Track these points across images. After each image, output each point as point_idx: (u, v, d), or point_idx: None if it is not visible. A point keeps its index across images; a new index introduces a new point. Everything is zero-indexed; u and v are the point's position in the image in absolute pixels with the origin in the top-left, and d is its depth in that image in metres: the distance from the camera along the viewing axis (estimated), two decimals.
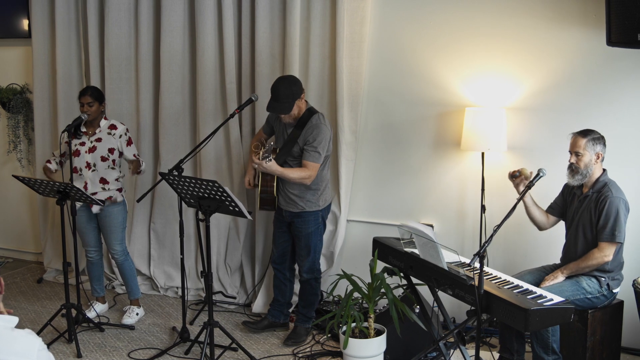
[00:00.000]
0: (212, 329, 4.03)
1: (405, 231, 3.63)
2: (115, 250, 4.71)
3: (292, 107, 4.14)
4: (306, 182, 4.21)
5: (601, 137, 3.70)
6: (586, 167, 3.68)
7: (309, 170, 4.17)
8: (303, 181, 4.19)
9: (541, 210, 3.95)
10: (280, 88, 4.11)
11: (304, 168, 4.18)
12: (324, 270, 4.81)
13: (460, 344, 3.56)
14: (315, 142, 4.15)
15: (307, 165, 4.17)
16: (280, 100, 4.10)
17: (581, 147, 3.67)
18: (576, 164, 3.70)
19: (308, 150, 4.17)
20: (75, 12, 5.41)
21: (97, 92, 4.57)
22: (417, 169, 4.71)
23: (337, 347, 4.35)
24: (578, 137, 3.71)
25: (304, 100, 4.25)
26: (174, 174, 4.04)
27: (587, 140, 3.67)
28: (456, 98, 4.52)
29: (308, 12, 4.71)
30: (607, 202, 3.61)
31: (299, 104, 4.19)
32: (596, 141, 3.67)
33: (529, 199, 3.88)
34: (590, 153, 3.67)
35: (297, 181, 4.19)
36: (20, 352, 2.12)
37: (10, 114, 5.86)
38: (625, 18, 3.57)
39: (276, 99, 4.12)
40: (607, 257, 3.63)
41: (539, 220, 3.95)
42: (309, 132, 4.18)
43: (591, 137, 3.67)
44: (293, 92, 4.13)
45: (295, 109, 4.18)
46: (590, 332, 3.68)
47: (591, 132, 3.70)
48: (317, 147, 4.16)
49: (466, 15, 4.43)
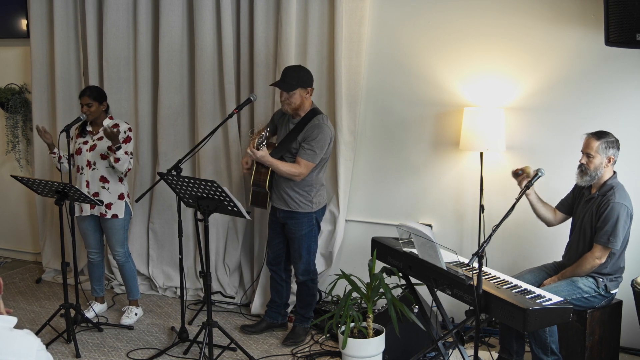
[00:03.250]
0: (211, 329, 4.03)
1: (404, 231, 3.63)
2: (117, 252, 4.71)
3: (293, 88, 4.14)
4: (295, 179, 4.20)
5: (616, 140, 3.66)
6: (596, 170, 3.65)
7: (300, 168, 4.16)
8: (292, 177, 4.18)
9: (547, 207, 3.94)
10: (290, 70, 4.20)
11: (296, 164, 4.18)
12: (322, 271, 4.82)
13: (459, 343, 3.56)
14: (313, 142, 4.15)
15: (299, 162, 4.16)
16: (286, 80, 4.15)
17: (593, 149, 3.64)
18: (586, 165, 3.67)
19: (304, 148, 4.16)
20: (74, 12, 5.40)
21: (96, 93, 4.57)
22: (415, 169, 4.71)
23: (336, 347, 4.35)
24: (592, 139, 3.66)
25: (310, 97, 4.26)
26: (172, 174, 4.04)
27: (600, 143, 3.63)
28: (455, 98, 4.52)
29: (306, 12, 4.71)
30: (608, 207, 3.59)
31: (302, 95, 4.19)
32: (610, 145, 3.63)
33: (533, 196, 3.87)
34: (601, 156, 3.63)
35: (286, 175, 4.18)
36: (19, 353, 2.11)
37: (8, 114, 5.86)
38: (624, 18, 3.57)
39: (282, 79, 4.17)
40: (599, 259, 3.62)
41: (546, 216, 3.94)
42: (309, 131, 4.18)
43: (605, 140, 3.63)
44: (300, 77, 4.16)
45: (297, 98, 4.17)
46: (589, 331, 3.68)
47: (606, 135, 3.66)
48: (314, 147, 4.15)
49: (465, 15, 4.43)
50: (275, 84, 4.23)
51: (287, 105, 4.21)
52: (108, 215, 4.57)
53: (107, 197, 4.55)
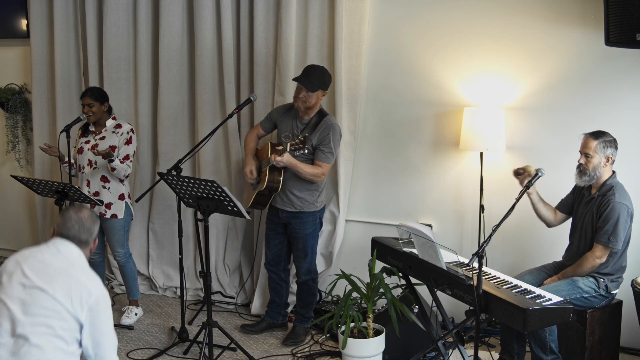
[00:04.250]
0: (211, 329, 4.02)
1: (404, 231, 3.63)
2: (118, 253, 4.71)
3: (316, 89, 4.15)
4: (317, 181, 4.24)
5: (613, 140, 3.67)
6: (594, 169, 3.66)
7: (322, 169, 4.21)
8: (314, 178, 4.21)
9: (548, 207, 3.94)
10: (314, 71, 4.19)
11: (317, 166, 4.20)
12: (322, 271, 4.81)
13: (459, 343, 3.56)
14: (331, 143, 4.19)
15: (321, 166, 4.21)
16: (311, 79, 4.15)
17: (591, 149, 3.64)
18: (585, 165, 3.68)
19: (324, 152, 4.19)
20: (74, 12, 5.40)
21: (97, 93, 4.57)
22: (415, 169, 4.71)
23: (336, 347, 4.35)
24: (589, 139, 3.67)
25: (322, 99, 4.27)
26: (172, 173, 4.04)
27: (598, 143, 3.64)
28: (455, 98, 4.52)
29: (306, 12, 4.71)
30: (609, 206, 3.59)
31: (320, 96, 4.21)
32: (607, 144, 3.64)
33: (535, 195, 3.87)
34: (600, 155, 3.64)
35: (309, 177, 4.20)
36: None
37: (8, 114, 5.85)
38: (624, 18, 3.57)
39: (306, 76, 4.16)
40: (599, 259, 3.62)
41: (546, 217, 3.94)
42: (325, 132, 4.19)
43: (603, 140, 3.64)
44: (324, 80, 4.19)
45: (314, 98, 4.18)
46: (589, 331, 3.68)
47: (603, 135, 3.67)
48: (332, 148, 4.21)
49: (465, 16, 4.43)
50: (298, 80, 4.19)
51: (302, 103, 4.20)
52: (107, 215, 4.57)
53: (107, 196, 4.55)
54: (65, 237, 2.63)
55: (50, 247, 2.61)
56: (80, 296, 2.49)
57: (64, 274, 2.52)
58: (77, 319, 2.49)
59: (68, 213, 2.68)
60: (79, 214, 2.68)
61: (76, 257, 2.62)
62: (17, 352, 2.43)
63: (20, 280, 2.50)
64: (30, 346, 2.42)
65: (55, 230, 2.66)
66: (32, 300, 2.46)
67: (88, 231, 2.68)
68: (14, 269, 2.54)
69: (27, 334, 2.43)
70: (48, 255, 2.58)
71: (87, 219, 2.69)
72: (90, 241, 2.70)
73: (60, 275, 2.51)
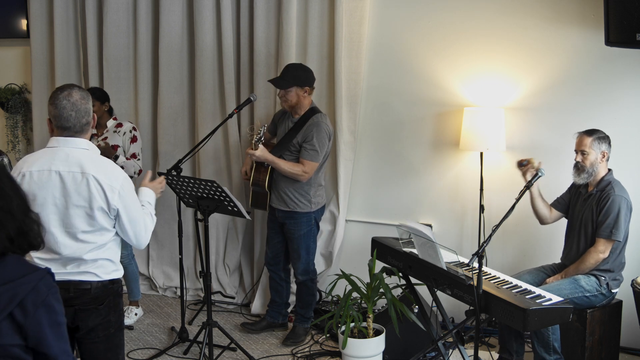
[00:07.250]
0: (211, 329, 4.03)
1: (404, 231, 3.63)
2: (122, 254, 4.69)
3: (287, 86, 4.15)
4: (300, 179, 4.20)
5: (606, 136, 3.75)
6: (592, 166, 3.72)
7: (304, 167, 4.17)
8: (296, 176, 4.18)
9: (545, 204, 3.96)
10: (290, 68, 4.23)
11: (299, 164, 4.18)
12: (322, 271, 4.81)
13: (459, 343, 3.56)
14: (314, 140, 4.15)
15: (303, 163, 4.17)
16: (283, 77, 4.18)
17: (587, 145, 3.71)
18: (582, 163, 3.74)
19: (307, 149, 4.16)
20: (74, 12, 5.40)
21: (98, 93, 4.57)
22: (415, 169, 4.71)
23: (336, 347, 4.35)
24: (584, 136, 3.75)
25: (308, 96, 4.26)
26: (172, 173, 4.04)
27: (592, 139, 3.71)
28: (455, 98, 4.52)
29: (306, 12, 4.71)
30: (609, 200, 3.64)
31: (299, 93, 4.20)
32: (601, 140, 3.72)
33: (535, 189, 3.90)
34: (596, 152, 3.71)
35: (289, 174, 4.18)
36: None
37: (8, 114, 5.85)
38: (624, 18, 3.57)
39: (281, 75, 4.20)
40: (602, 253, 3.64)
41: (542, 213, 3.96)
42: (309, 130, 4.18)
43: (597, 136, 3.72)
44: (297, 75, 4.17)
45: (293, 96, 4.18)
46: (589, 331, 3.68)
47: (596, 132, 3.75)
48: (315, 146, 4.15)
49: (465, 16, 4.43)
50: (270, 80, 4.25)
51: (284, 102, 4.24)
52: None
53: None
54: (66, 129, 2.63)
55: (59, 153, 2.64)
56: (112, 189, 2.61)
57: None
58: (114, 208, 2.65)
59: (60, 102, 2.62)
60: (70, 99, 2.62)
61: (86, 150, 2.67)
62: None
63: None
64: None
65: (53, 122, 2.63)
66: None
67: (85, 112, 2.64)
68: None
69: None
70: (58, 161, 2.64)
71: (80, 100, 2.64)
72: (90, 120, 2.67)
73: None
